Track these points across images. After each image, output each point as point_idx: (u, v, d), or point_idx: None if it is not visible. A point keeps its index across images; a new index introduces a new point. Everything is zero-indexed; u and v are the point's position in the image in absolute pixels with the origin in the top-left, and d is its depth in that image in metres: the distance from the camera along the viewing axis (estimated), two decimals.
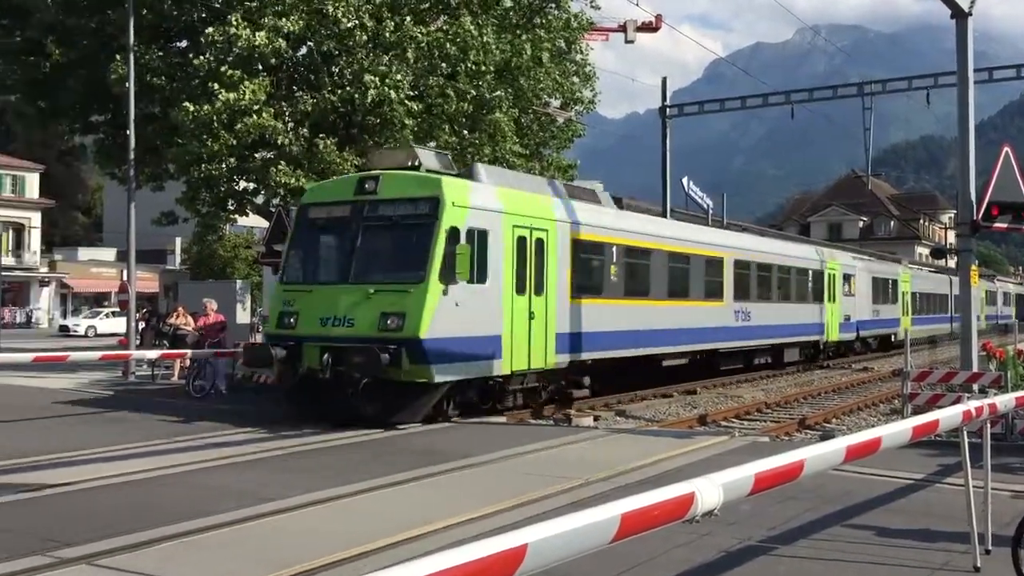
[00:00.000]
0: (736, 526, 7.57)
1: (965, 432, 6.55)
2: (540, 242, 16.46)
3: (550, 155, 28.98)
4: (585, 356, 18.00)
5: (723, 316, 24.33)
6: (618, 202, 42.03)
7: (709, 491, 3.65)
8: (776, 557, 7.07)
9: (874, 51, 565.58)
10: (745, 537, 7.42)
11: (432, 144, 23.45)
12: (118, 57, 22.84)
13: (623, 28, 55.65)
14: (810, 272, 30.52)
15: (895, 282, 41.30)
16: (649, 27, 56.83)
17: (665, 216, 31.56)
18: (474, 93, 22.91)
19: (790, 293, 29.10)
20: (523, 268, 15.91)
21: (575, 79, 28.58)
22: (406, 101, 21.61)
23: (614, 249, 19.51)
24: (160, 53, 23.83)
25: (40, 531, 7.67)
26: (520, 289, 15.70)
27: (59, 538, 7.31)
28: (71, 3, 25.18)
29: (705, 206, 44.71)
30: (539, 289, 16.26)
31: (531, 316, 15.93)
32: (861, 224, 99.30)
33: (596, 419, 17.76)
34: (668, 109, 32.37)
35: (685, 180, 42.77)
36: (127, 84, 22.29)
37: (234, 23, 20.71)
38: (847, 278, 33.88)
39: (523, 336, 15.78)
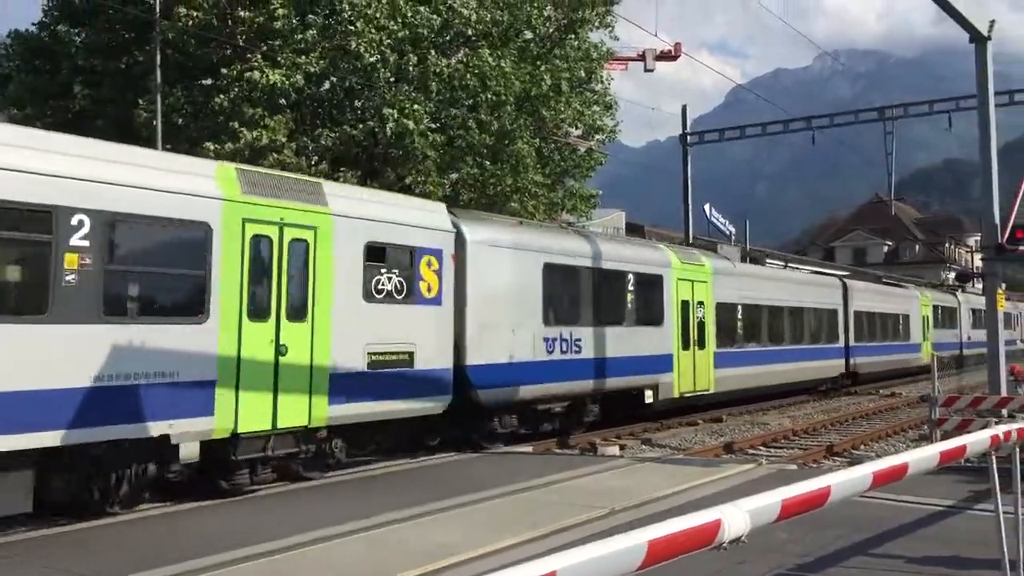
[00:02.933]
0: (769, 554, 7.53)
1: (994, 457, 6.50)
2: None
3: (572, 184, 29.10)
4: None
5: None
6: (640, 230, 40.90)
7: (736, 517, 3.65)
8: None
9: (897, 75, 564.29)
10: (777, 565, 7.38)
11: (454, 176, 23.68)
12: (140, 102, 23.21)
13: (642, 57, 55.96)
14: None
15: (649, 282, 20.77)
16: (668, 56, 57.10)
17: (687, 246, 31.49)
18: (495, 124, 23.12)
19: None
20: None
21: (596, 108, 28.76)
22: (427, 133, 21.84)
23: None
24: (184, 92, 24.22)
25: (74, 565, 7.74)
26: None
27: (79, 568, 7.38)
28: (99, 46, 25.68)
29: (728, 232, 44.65)
30: None
31: None
32: (886, 249, 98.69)
33: (622, 448, 17.70)
34: (688, 137, 32.45)
35: (707, 207, 42.77)
36: (154, 123, 22.67)
37: (255, 63, 21.04)
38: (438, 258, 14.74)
39: None
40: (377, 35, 21.36)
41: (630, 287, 19.76)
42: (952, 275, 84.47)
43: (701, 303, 22.59)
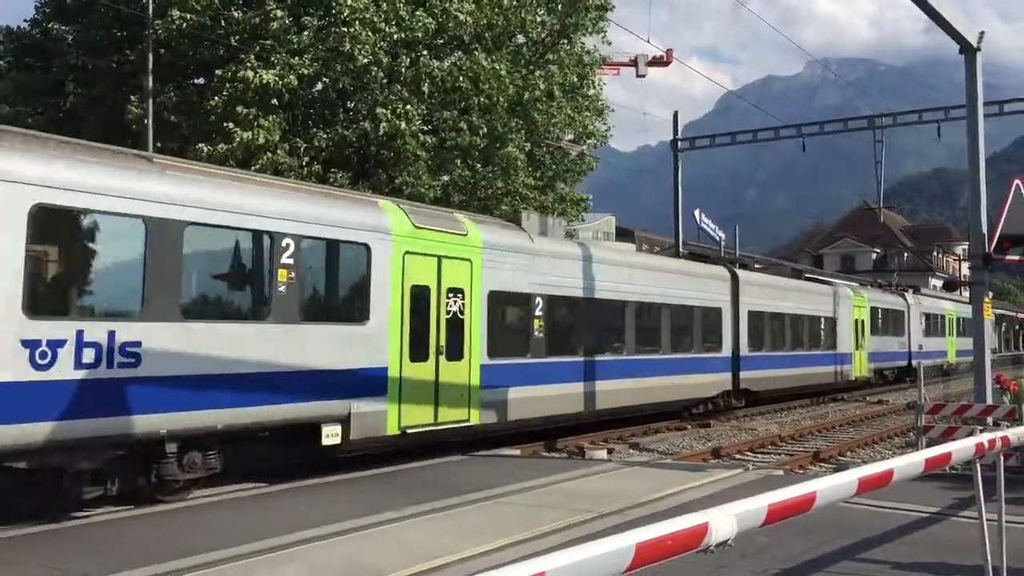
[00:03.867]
0: (752, 558, 7.57)
1: (979, 465, 6.56)
2: None
3: (563, 188, 29.18)
4: None
5: None
6: (630, 235, 40.04)
7: (722, 521, 3.70)
8: None
9: (886, 84, 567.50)
10: (760, 570, 7.42)
11: (445, 178, 23.70)
12: (132, 98, 23.19)
13: (634, 63, 56.11)
14: None
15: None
16: (660, 61, 57.23)
17: (677, 251, 31.62)
18: (486, 128, 23.19)
19: None
20: None
21: (588, 113, 28.84)
22: (419, 134, 21.87)
23: None
24: (177, 91, 24.20)
25: (58, 563, 7.74)
26: None
27: (77, 569, 7.38)
28: (92, 44, 25.64)
29: (717, 238, 44.86)
30: None
31: None
32: (874, 256, 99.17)
33: (610, 452, 17.76)
34: (680, 143, 32.60)
35: (697, 213, 42.96)
36: (146, 121, 22.62)
37: (247, 64, 21.07)
38: None
39: None
40: (372, 37, 21.38)
41: (286, 259, 12.25)
42: (939, 283, 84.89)
43: (457, 292, 15.25)
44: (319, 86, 23.53)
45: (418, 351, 14.35)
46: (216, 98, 21.64)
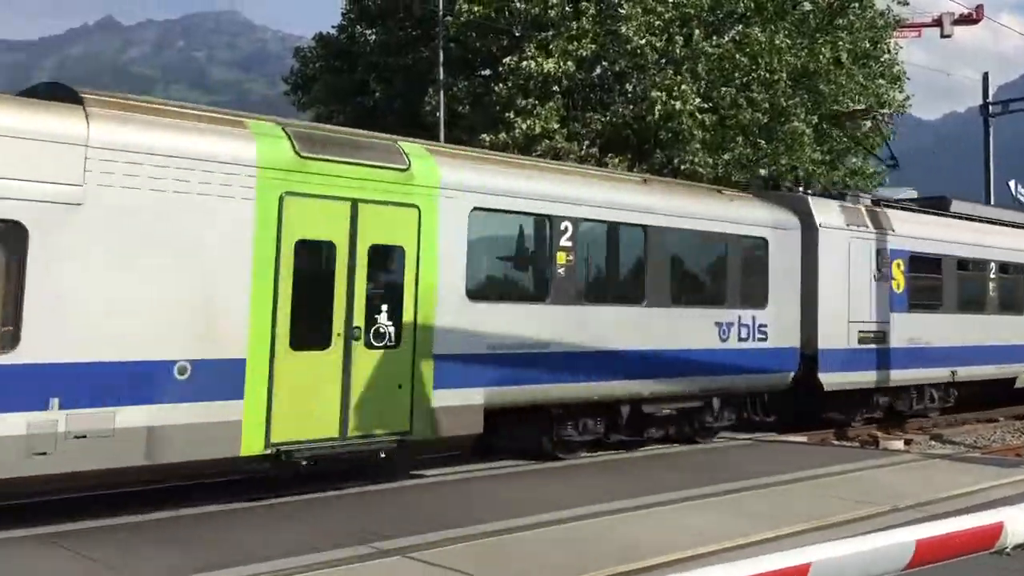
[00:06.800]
0: None
1: None
2: None
3: (855, 162, 27.51)
4: None
5: None
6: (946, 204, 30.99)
7: (1020, 521, 3.37)
8: None
9: None
10: None
11: (726, 156, 23.14)
12: (430, 91, 24.70)
13: (938, 22, 51.69)
14: None
15: None
16: (968, 19, 52.33)
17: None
18: (767, 103, 22.41)
19: None
20: None
21: (881, 81, 26.94)
22: (696, 113, 21.56)
23: None
24: (465, 83, 25.48)
25: (362, 524, 8.44)
26: None
27: (378, 531, 8.02)
28: (390, 44, 27.60)
29: None
30: None
31: None
32: None
33: (907, 443, 16.64)
34: (991, 107, 29.79)
35: (1012, 183, 38.88)
36: (437, 115, 24.01)
37: (528, 53, 21.81)
38: None
39: None
40: (646, 17, 21.38)
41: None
42: None
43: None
44: (597, 70, 23.88)
45: None
46: (500, 86, 22.60)
